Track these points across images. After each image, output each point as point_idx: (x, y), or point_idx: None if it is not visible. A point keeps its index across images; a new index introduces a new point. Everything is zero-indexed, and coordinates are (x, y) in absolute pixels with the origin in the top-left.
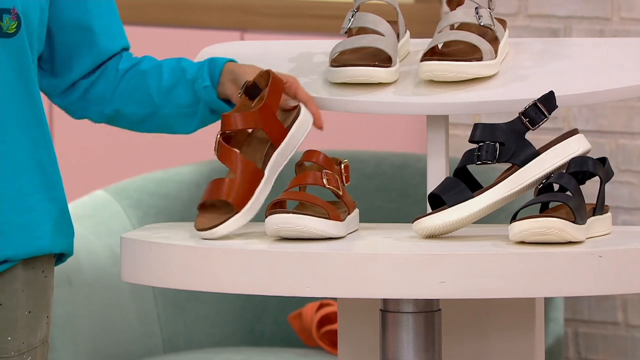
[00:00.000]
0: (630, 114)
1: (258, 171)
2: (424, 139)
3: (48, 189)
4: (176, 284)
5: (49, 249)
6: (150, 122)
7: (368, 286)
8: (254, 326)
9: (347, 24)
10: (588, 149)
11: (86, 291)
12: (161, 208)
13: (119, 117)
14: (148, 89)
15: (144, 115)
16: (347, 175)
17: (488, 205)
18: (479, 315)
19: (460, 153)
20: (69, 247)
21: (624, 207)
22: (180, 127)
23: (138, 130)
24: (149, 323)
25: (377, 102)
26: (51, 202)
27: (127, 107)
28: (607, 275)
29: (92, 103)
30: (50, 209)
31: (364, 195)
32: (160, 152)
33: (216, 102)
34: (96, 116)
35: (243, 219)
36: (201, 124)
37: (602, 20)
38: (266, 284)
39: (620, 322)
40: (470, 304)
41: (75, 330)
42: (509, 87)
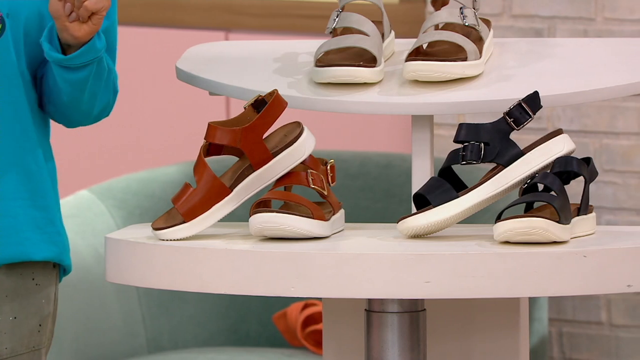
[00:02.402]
0: (613, 113)
1: (224, 188)
2: (408, 139)
3: (33, 195)
4: (161, 284)
5: (30, 255)
6: (66, 109)
7: (353, 286)
8: (238, 326)
9: (331, 24)
10: (572, 149)
11: (70, 291)
12: (146, 208)
13: (55, 110)
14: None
15: (61, 104)
16: (332, 175)
17: (473, 205)
18: (464, 315)
19: (445, 153)
20: (58, 256)
21: (608, 207)
22: (73, 103)
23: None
24: (133, 323)
25: (362, 102)
26: (36, 210)
27: (52, 99)
28: (591, 275)
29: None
30: (35, 216)
31: (349, 195)
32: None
33: (49, 54)
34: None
35: (188, 231)
36: (72, 88)
37: (586, 20)
38: (250, 284)
39: (604, 322)
40: (455, 303)
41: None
42: (493, 87)
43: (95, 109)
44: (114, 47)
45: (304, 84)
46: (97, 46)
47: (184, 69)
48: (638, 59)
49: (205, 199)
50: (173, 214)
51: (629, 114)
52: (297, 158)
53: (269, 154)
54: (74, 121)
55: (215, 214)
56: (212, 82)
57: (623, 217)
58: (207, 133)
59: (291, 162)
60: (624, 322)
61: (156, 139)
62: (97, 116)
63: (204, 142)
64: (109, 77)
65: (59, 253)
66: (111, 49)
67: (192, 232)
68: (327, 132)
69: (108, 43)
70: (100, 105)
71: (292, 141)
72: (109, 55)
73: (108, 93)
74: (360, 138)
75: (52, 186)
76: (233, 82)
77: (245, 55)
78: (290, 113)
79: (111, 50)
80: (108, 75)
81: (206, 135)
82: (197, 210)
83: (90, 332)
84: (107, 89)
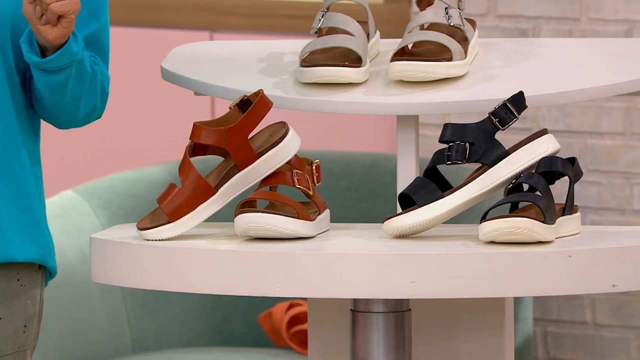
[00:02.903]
0: (598, 114)
1: (209, 188)
2: (393, 139)
3: (17, 197)
4: (146, 285)
5: (13, 256)
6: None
7: (338, 286)
8: (223, 326)
9: (317, 24)
10: (557, 149)
11: (55, 292)
12: (131, 208)
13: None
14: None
15: (45, 106)
16: (318, 175)
17: (458, 205)
18: (449, 315)
19: (430, 153)
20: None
21: (592, 207)
22: (55, 106)
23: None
24: (118, 323)
25: (347, 102)
26: (20, 212)
27: (37, 101)
28: (576, 275)
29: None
30: (19, 218)
31: (334, 195)
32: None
33: (27, 56)
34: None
35: (173, 231)
36: (51, 90)
37: (571, 20)
38: (236, 284)
39: (588, 322)
40: (440, 303)
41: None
42: (478, 87)
43: (81, 111)
44: (105, 50)
45: (290, 84)
46: (73, 49)
47: (169, 69)
48: (622, 59)
49: (191, 199)
50: (158, 214)
51: (614, 114)
52: (282, 158)
53: (255, 154)
54: (61, 123)
55: (201, 214)
56: (197, 82)
57: (607, 217)
58: (192, 133)
59: (276, 162)
60: (608, 322)
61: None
62: (85, 118)
63: (189, 142)
64: (94, 80)
65: (43, 254)
66: (102, 51)
67: (177, 232)
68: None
69: (98, 46)
70: (86, 108)
71: (277, 141)
72: (100, 57)
73: (94, 96)
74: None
75: (36, 188)
76: (218, 82)
77: (231, 55)
78: (276, 113)
79: (102, 52)
80: (92, 78)
81: (191, 135)
82: (183, 211)
83: (75, 333)
84: (93, 92)
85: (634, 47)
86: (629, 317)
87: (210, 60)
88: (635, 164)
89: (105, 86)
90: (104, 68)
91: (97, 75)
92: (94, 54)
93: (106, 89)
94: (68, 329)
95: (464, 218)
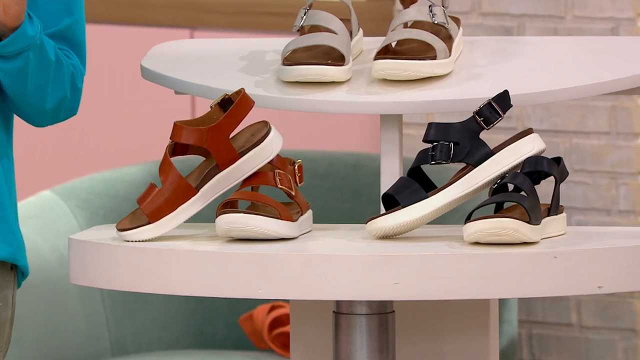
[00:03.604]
0: (583, 113)
1: (190, 188)
2: (377, 138)
3: None
4: (125, 286)
5: None
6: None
7: (321, 288)
8: (204, 328)
9: (299, 22)
10: (543, 148)
11: (32, 293)
12: (110, 209)
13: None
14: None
15: (10, 98)
16: (300, 175)
17: (442, 205)
18: (433, 316)
19: (414, 153)
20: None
21: (578, 207)
22: (18, 96)
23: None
24: (97, 326)
25: (330, 101)
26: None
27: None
28: (561, 276)
29: None
30: None
31: (317, 195)
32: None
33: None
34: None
35: (154, 232)
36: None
37: (556, 18)
38: (217, 286)
39: (574, 323)
40: (424, 305)
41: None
42: (463, 86)
43: (48, 103)
44: (80, 45)
45: (271, 83)
46: (28, 32)
47: (148, 68)
48: (608, 58)
49: (171, 199)
50: (138, 214)
51: (599, 114)
52: (264, 158)
53: (236, 153)
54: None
55: (181, 214)
56: (178, 80)
57: (593, 217)
58: (172, 132)
59: (258, 162)
60: (594, 324)
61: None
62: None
63: (169, 142)
64: (61, 70)
65: (13, 253)
66: (77, 46)
67: (158, 233)
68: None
69: (73, 41)
70: (54, 100)
71: (259, 141)
72: (75, 53)
73: (62, 87)
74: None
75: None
76: (199, 81)
77: (211, 54)
78: (258, 112)
79: (77, 48)
80: (58, 67)
81: (172, 135)
82: (163, 211)
83: (52, 335)
84: (60, 83)
85: (620, 46)
86: (615, 319)
87: (191, 58)
88: (621, 163)
89: (77, 80)
90: (77, 62)
91: (65, 66)
92: (64, 47)
93: (78, 82)
94: (45, 332)
95: (449, 218)
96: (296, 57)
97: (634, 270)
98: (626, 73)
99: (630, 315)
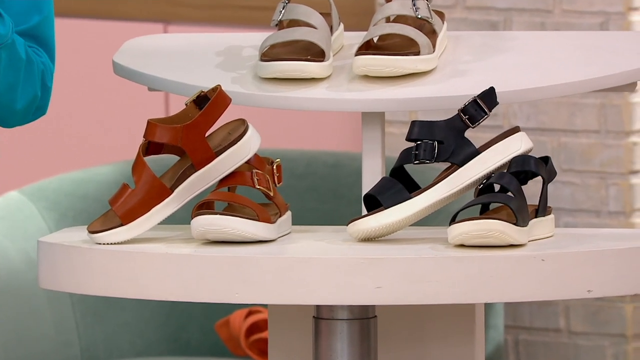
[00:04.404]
0: (572, 110)
1: (164, 189)
2: (358, 137)
3: None
4: (97, 291)
5: None
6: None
7: (300, 292)
8: (178, 334)
9: (277, 16)
10: (530, 147)
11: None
12: (80, 210)
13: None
14: None
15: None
16: (279, 175)
17: (426, 206)
18: (417, 322)
19: (397, 152)
20: None
21: (566, 208)
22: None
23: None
24: (67, 332)
25: (310, 98)
26: None
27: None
28: (549, 279)
29: None
30: None
31: (296, 196)
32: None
33: None
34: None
35: (126, 234)
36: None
37: (543, 12)
38: (192, 290)
39: (562, 329)
40: (407, 310)
41: None
42: (447, 83)
43: (19, 103)
44: (49, 43)
45: (249, 79)
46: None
47: (121, 63)
48: (597, 53)
49: (145, 200)
50: (110, 216)
51: (588, 111)
52: (241, 157)
53: (212, 153)
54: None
55: (155, 216)
56: (151, 77)
57: (582, 219)
58: (146, 131)
59: (235, 162)
60: (583, 329)
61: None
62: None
63: (142, 141)
64: (31, 69)
65: None
66: (45, 45)
67: (131, 235)
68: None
69: (41, 39)
70: (25, 100)
71: (236, 139)
72: (44, 49)
73: (32, 86)
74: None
75: None
76: (173, 77)
77: (186, 49)
78: (234, 110)
79: (45, 46)
80: (29, 66)
81: (145, 133)
82: (136, 213)
83: (20, 342)
84: (31, 82)
85: (610, 41)
86: (605, 324)
87: (165, 54)
88: (611, 163)
89: (47, 78)
90: (47, 60)
91: (36, 64)
92: (34, 45)
93: (47, 81)
94: (13, 338)
95: (432, 220)
96: (274, 53)
97: (624, 273)
98: (616, 69)
99: (620, 321)
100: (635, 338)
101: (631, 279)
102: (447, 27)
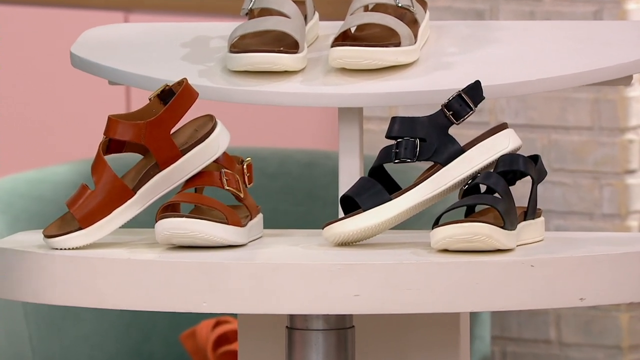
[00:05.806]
0: (563, 105)
1: (126, 190)
2: (334, 134)
3: None
4: (53, 300)
5: None
6: None
7: (272, 300)
8: (141, 346)
9: (248, 5)
10: (518, 145)
11: None
12: (34, 212)
13: None
14: None
15: None
16: (249, 175)
17: (408, 208)
18: (397, 332)
19: (376, 150)
20: None
21: (557, 210)
22: None
23: None
24: (19, 344)
25: (283, 92)
26: None
27: None
28: (539, 287)
29: None
30: None
31: (267, 197)
32: (34, 148)
33: None
34: None
35: (85, 238)
36: None
37: (533, 0)
38: (156, 299)
39: (553, 340)
40: (387, 319)
41: None
42: (430, 76)
43: None
44: None
45: (217, 72)
46: None
47: (79, 55)
48: (590, 45)
49: (105, 202)
50: (68, 219)
51: (581, 106)
52: (209, 156)
53: (178, 151)
54: None
55: (117, 219)
56: (112, 69)
57: (574, 221)
58: (106, 127)
59: (203, 161)
60: (575, 340)
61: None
62: None
63: (103, 138)
64: None
65: None
66: None
67: (90, 239)
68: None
69: None
70: None
71: (203, 137)
72: None
73: None
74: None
75: None
76: (135, 70)
77: (149, 40)
78: (202, 105)
79: None
80: None
81: (106, 130)
82: (96, 215)
83: None
84: None
85: (604, 31)
86: (598, 335)
87: (126, 45)
88: (605, 162)
89: None
90: None
91: None
92: None
93: None
94: None
95: (414, 223)
96: (244, 44)
97: (620, 280)
98: (610, 62)
99: (615, 331)
100: (631, 350)
101: (627, 286)
102: (430, 17)
